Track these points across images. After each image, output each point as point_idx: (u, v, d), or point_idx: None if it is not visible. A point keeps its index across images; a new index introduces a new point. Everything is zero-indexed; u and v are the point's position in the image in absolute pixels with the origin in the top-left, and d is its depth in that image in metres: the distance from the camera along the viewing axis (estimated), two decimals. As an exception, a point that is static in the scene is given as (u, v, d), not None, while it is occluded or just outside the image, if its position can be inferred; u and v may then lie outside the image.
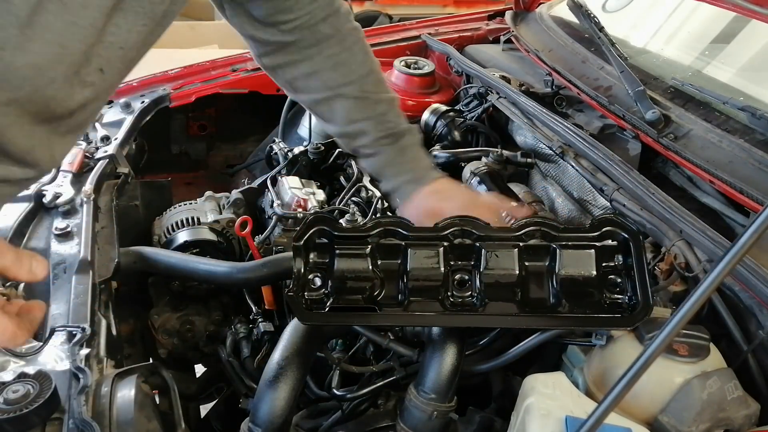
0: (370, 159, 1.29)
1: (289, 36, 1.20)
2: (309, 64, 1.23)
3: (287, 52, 1.23)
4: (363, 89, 1.26)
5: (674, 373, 0.93)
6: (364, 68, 1.26)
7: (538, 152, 1.59)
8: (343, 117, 1.27)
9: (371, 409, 1.23)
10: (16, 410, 0.83)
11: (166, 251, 1.44)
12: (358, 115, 1.26)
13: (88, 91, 0.87)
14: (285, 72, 1.26)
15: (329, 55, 1.23)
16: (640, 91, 1.47)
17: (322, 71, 1.24)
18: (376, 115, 1.26)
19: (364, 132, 1.26)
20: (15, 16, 0.72)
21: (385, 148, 1.27)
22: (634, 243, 1.00)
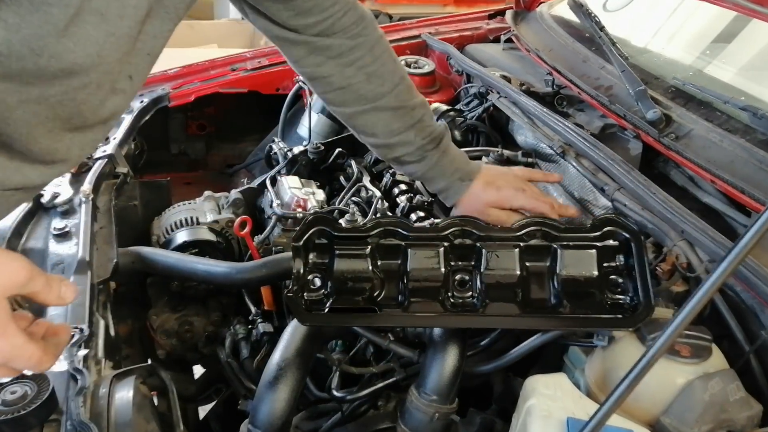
0: (415, 165, 1.31)
1: (313, 39, 1.18)
2: (340, 78, 1.22)
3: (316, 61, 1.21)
4: (399, 98, 1.26)
5: (676, 374, 0.93)
6: (396, 76, 1.26)
7: (538, 152, 1.59)
8: (383, 129, 1.27)
9: (371, 411, 1.23)
10: (14, 411, 0.83)
11: (165, 251, 1.43)
12: (399, 126, 1.26)
13: (119, 98, 0.88)
14: (318, 85, 1.26)
15: (360, 66, 1.22)
16: (641, 91, 1.47)
17: (355, 84, 1.23)
18: (415, 123, 1.27)
19: (407, 142, 1.28)
20: (53, 26, 0.73)
21: (430, 153, 1.29)
22: (635, 243, 1.00)
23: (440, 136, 1.30)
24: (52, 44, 0.74)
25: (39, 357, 0.73)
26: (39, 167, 0.86)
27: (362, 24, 1.21)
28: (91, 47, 0.77)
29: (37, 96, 0.78)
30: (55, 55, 0.75)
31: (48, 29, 0.72)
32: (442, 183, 1.32)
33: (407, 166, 1.33)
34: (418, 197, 1.56)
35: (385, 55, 1.25)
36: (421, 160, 1.30)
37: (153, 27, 0.86)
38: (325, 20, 1.16)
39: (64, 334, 0.80)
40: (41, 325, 0.78)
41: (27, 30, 0.71)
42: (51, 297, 0.75)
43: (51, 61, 0.75)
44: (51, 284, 0.74)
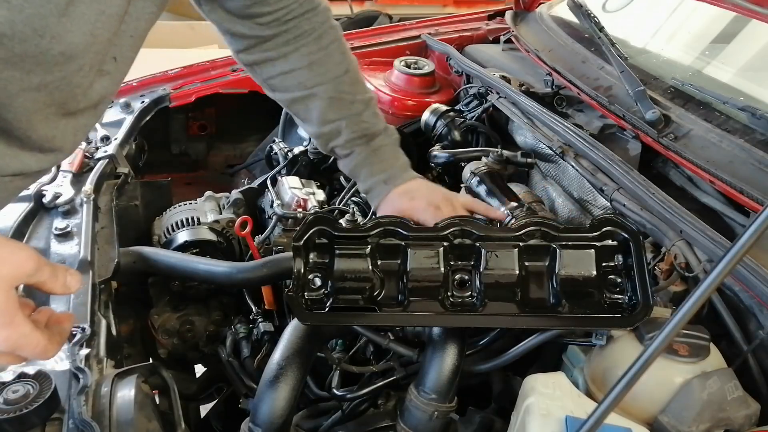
0: (345, 159, 1.30)
1: (267, 30, 1.20)
2: (285, 62, 1.23)
3: (264, 48, 1.23)
4: (338, 89, 1.25)
5: (674, 373, 0.93)
6: (341, 68, 1.26)
7: (538, 152, 1.59)
8: (318, 117, 1.26)
9: (371, 409, 1.23)
10: (16, 410, 0.83)
11: (166, 251, 1.44)
12: (333, 115, 1.26)
13: (106, 80, 0.89)
14: (262, 70, 1.26)
15: (306, 53, 1.23)
16: (640, 91, 1.47)
17: (298, 70, 1.23)
18: (350, 115, 1.26)
19: (338, 132, 1.26)
20: (55, 5, 0.74)
21: (359, 148, 1.28)
22: (634, 243, 1.00)
23: (374, 134, 1.28)
24: (53, 24, 0.75)
25: (44, 345, 0.73)
26: (36, 154, 0.87)
27: (314, 12, 1.22)
28: (85, 26, 0.78)
29: (38, 83, 0.79)
30: (56, 36, 0.75)
31: (50, 8, 0.73)
32: (367, 182, 1.30)
33: (340, 161, 1.32)
34: (418, 197, 1.56)
35: (333, 46, 1.25)
36: (349, 154, 1.28)
37: (136, 8, 0.87)
38: (280, 10, 1.18)
39: (66, 322, 0.80)
40: (44, 312, 0.78)
41: (30, 10, 0.72)
42: (57, 286, 0.75)
43: (52, 42, 0.76)
44: (57, 274, 0.75)
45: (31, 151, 0.86)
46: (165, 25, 4.37)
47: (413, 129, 1.88)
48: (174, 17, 4.80)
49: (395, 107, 1.94)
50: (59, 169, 1.45)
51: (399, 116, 1.94)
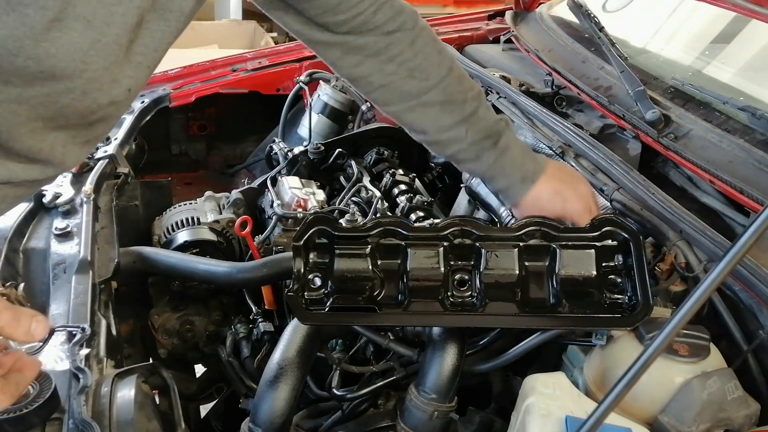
0: (471, 163, 1.22)
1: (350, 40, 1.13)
2: (380, 76, 1.16)
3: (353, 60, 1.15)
4: (447, 92, 1.17)
5: (674, 373, 0.93)
6: (443, 69, 1.17)
7: (538, 152, 1.59)
8: (432, 125, 1.19)
9: (371, 409, 1.23)
10: (16, 410, 0.83)
11: (166, 251, 1.44)
12: (448, 121, 1.17)
13: (113, 109, 0.87)
14: (360, 85, 1.20)
15: (401, 62, 1.15)
16: (640, 91, 1.47)
17: (396, 81, 1.16)
18: (466, 117, 1.18)
19: (458, 139, 1.18)
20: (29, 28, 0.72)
21: (487, 153, 1.19)
22: (634, 243, 1.00)
23: (498, 133, 1.19)
24: (29, 46, 0.72)
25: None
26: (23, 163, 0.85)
27: (399, 19, 1.13)
28: (75, 53, 0.76)
29: (17, 96, 0.77)
30: (33, 57, 0.73)
31: (24, 31, 0.71)
32: (502, 182, 1.22)
33: (463, 164, 1.24)
34: (418, 197, 1.56)
35: (428, 48, 1.17)
36: (477, 158, 1.20)
37: (152, 40, 0.85)
38: (355, 17, 1.10)
39: (29, 371, 0.77)
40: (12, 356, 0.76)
41: (2, 31, 0.70)
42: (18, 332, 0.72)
43: (28, 62, 0.74)
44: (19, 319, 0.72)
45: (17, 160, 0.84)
46: (165, 25, 4.36)
47: (413, 129, 1.88)
48: (174, 17, 4.80)
49: (395, 107, 1.94)
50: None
51: (399, 116, 1.93)
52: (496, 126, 1.20)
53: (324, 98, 1.91)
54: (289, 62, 2.07)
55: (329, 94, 1.91)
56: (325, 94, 1.92)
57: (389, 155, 1.78)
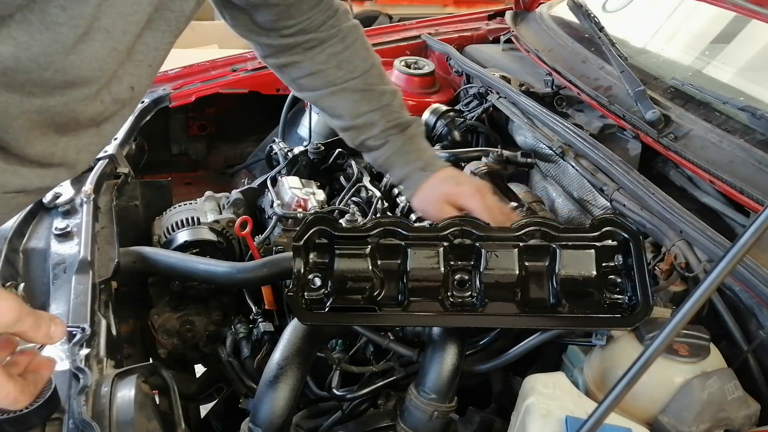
0: (379, 150, 1.30)
1: (291, 39, 1.23)
2: (312, 64, 1.26)
3: (290, 53, 1.26)
4: (367, 82, 1.28)
5: (674, 373, 0.93)
6: (367, 63, 1.28)
7: (538, 152, 1.59)
8: (349, 110, 1.28)
9: (371, 409, 1.23)
10: (16, 410, 0.83)
11: (166, 251, 1.44)
12: (365, 107, 1.27)
13: (118, 107, 0.90)
14: (289, 71, 1.29)
15: (332, 53, 1.25)
16: (640, 91, 1.47)
17: (326, 70, 1.26)
18: (382, 106, 1.28)
19: (372, 123, 1.28)
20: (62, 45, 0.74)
21: (394, 138, 1.28)
22: (634, 243, 1.00)
23: (407, 123, 1.30)
24: (59, 60, 0.75)
25: (15, 396, 0.72)
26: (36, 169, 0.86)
27: (335, 17, 1.25)
28: (95, 62, 0.79)
29: (39, 106, 0.79)
30: (60, 70, 0.76)
31: (57, 48, 0.74)
32: (402, 170, 1.29)
33: (371, 153, 1.32)
34: (418, 197, 1.56)
35: (357, 43, 1.28)
36: (384, 144, 1.29)
37: (154, 39, 0.87)
38: (303, 21, 1.21)
39: (45, 369, 0.78)
40: (26, 354, 0.77)
41: (36, 48, 0.73)
42: (39, 336, 0.73)
43: (56, 74, 0.76)
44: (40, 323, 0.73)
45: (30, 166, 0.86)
46: (165, 25, 4.36)
47: (413, 129, 1.88)
48: (174, 17, 4.80)
49: (395, 107, 1.94)
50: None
51: (399, 116, 1.93)
52: (406, 118, 1.30)
53: (324, 98, 1.91)
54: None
55: (329, 94, 1.91)
56: (325, 94, 1.91)
57: (389, 155, 1.78)
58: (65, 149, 0.87)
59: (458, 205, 1.21)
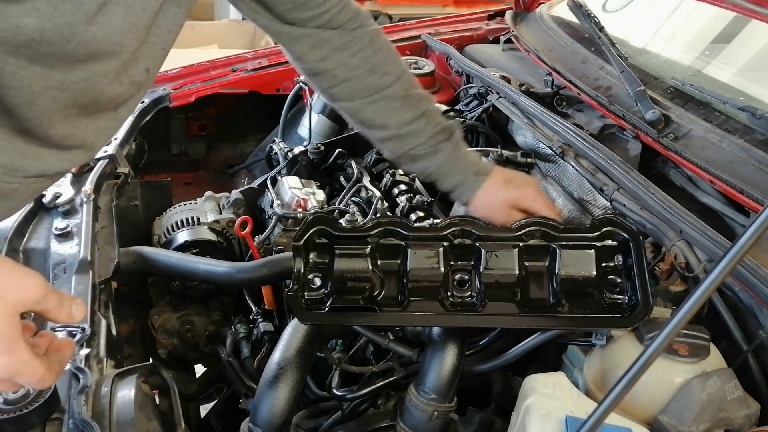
0: (427, 159, 1.24)
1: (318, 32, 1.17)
2: (343, 70, 1.20)
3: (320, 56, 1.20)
4: (405, 87, 1.23)
5: (674, 373, 0.93)
6: (399, 67, 1.24)
7: (538, 152, 1.59)
8: (393, 120, 1.23)
9: (371, 409, 1.23)
10: (16, 410, 0.83)
11: (166, 251, 1.44)
12: (408, 115, 1.22)
13: (134, 89, 0.91)
14: (321, 80, 1.24)
15: (362, 57, 1.20)
16: (640, 91, 1.47)
17: (360, 75, 1.20)
18: (424, 112, 1.23)
19: (418, 131, 1.22)
20: (84, 14, 0.75)
21: (443, 145, 1.23)
22: (634, 243, 1.00)
23: (451, 128, 1.25)
24: (81, 32, 0.76)
25: (42, 374, 0.72)
26: (56, 153, 0.87)
27: (359, 19, 1.20)
28: (115, 36, 0.80)
29: (60, 82, 0.80)
30: (82, 42, 0.77)
31: (79, 17, 0.75)
32: (456, 178, 1.25)
33: (419, 162, 1.26)
34: (418, 197, 1.56)
35: (386, 48, 1.23)
36: (435, 152, 1.23)
37: (166, 21, 0.88)
38: (323, 14, 1.16)
39: (66, 349, 0.79)
40: (45, 337, 0.77)
41: (60, 18, 0.73)
42: (62, 315, 0.75)
43: (78, 47, 0.77)
44: (63, 302, 0.74)
45: (50, 149, 0.86)
46: (165, 25, 4.36)
47: (413, 129, 1.88)
48: (174, 17, 4.80)
49: (395, 107, 1.94)
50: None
51: (399, 116, 1.93)
52: (449, 123, 1.26)
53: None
54: (289, 62, 2.07)
55: (329, 94, 1.91)
56: (325, 94, 1.91)
57: (389, 155, 1.78)
58: (85, 131, 0.88)
59: (524, 208, 1.20)
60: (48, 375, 0.73)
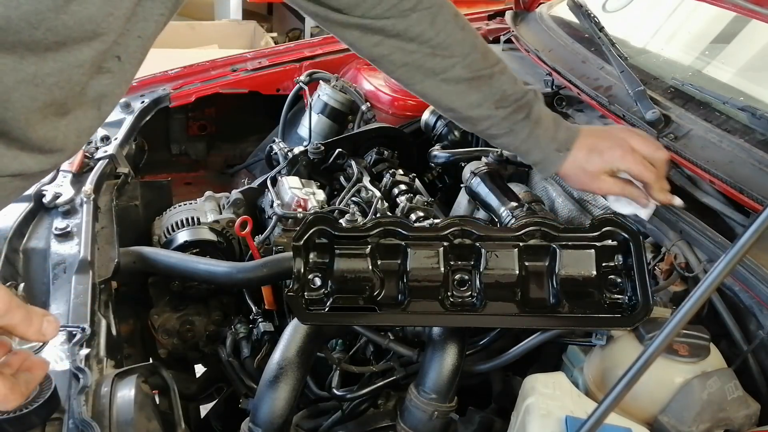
0: (505, 138, 1.21)
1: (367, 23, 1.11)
2: (403, 54, 1.14)
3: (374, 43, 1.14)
4: (473, 68, 1.16)
5: (674, 373, 0.93)
6: (466, 45, 1.15)
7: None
8: (460, 102, 1.18)
9: (371, 409, 1.23)
10: (16, 410, 0.83)
11: (166, 251, 1.44)
12: (476, 97, 1.17)
13: (107, 78, 0.86)
14: (383, 64, 1.18)
15: (422, 41, 1.13)
16: (640, 91, 1.47)
17: (420, 59, 1.14)
18: (495, 92, 1.17)
19: (489, 115, 1.18)
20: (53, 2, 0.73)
21: (519, 125, 1.18)
22: (634, 243, 1.00)
23: (529, 104, 1.18)
24: (50, 19, 0.73)
25: (4, 394, 0.71)
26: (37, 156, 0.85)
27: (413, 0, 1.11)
28: (89, 25, 0.77)
29: (33, 75, 0.77)
30: (51, 29, 0.74)
31: (47, 4, 0.72)
32: (536, 155, 1.21)
33: (496, 140, 1.24)
34: (418, 197, 1.56)
35: (449, 26, 1.14)
36: (511, 132, 1.19)
37: (143, 8, 0.84)
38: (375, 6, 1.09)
39: (38, 370, 0.78)
40: (18, 356, 0.76)
41: (27, 6, 0.71)
42: (30, 331, 0.72)
43: (47, 34, 0.74)
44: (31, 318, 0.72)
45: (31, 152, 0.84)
46: (165, 25, 4.37)
47: (413, 129, 1.88)
48: (174, 17, 4.80)
49: (395, 107, 1.94)
50: (59, 170, 1.45)
51: (399, 116, 1.93)
52: (525, 97, 1.19)
53: (324, 98, 1.92)
54: (289, 62, 2.07)
55: (329, 94, 1.91)
56: (324, 94, 1.92)
57: (389, 155, 1.78)
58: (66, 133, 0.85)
59: (614, 172, 1.18)
60: (11, 396, 0.72)
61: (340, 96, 1.91)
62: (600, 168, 1.18)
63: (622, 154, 1.17)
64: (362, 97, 1.91)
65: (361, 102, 1.90)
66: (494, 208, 1.42)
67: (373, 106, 1.92)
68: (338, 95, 1.91)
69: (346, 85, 1.92)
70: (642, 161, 1.17)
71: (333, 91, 1.91)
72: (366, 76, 2.03)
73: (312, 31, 4.61)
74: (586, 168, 1.19)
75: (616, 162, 1.17)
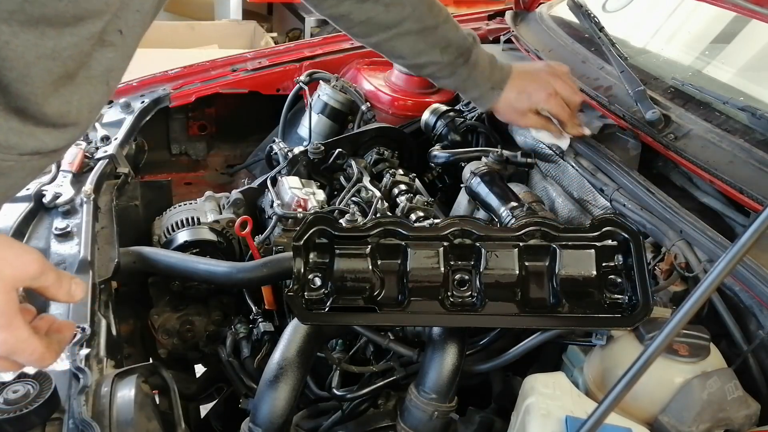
0: (446, 80, 1.43)
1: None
2: (360, 12, 1.32)
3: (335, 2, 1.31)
4: (420, 21, 1.34)
5: (674, 373, 0.94)
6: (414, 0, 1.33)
7: (538, 152, 1.59)
8: (409, 51, 1.38)
9: (371, 409, 1.23)
10: (16, 410, 0.83)
11: (166, 251, 1.44)
12: (424, 46, 1.37)
13: (110, 52, 0.88)
14: (342, 22, 1.36)
15: None
16: (640, 91, 1.47)
17: (376, 16, 1.32)
18: (439, 41, 1.37)
19: (434, 61, 1.38)
20: None
21: (460, 69, 1.39)
22: (634, 243, 1.00)
23: (468, 50, 1.39)
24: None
25: (41, 353, 0.73)
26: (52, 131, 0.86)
27: None
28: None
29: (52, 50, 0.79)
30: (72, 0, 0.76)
31: None
32: (474, 93, 1.45)
33: (439, 81, 1.47)
34: (418, 197, 1.56)
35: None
36: (452, 75, 1.40)
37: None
38: None
39: (67, 331, 0.80)
40: (45, 320, 0.78)
41: None
42: (60, 293, 0.75)
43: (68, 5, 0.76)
44: (61, 280, 0.74)
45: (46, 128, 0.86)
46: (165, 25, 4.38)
47: (413, 129, 1.88)
48: (174, 17, 4.80)
49: (395, 107, 1.94)
50: (59, 170, 1.45)
51: (399, 116, 1.93)
52: (465, 43, 1.40)
53: (324, 98, 1.91)
54: (289, 62, 2.07)
55: (329, 94, 1.91)
56: (325, 94, 1.91)
57: (389, 155, 1.78)
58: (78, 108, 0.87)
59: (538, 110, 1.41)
60: (47, 354, 0.74)
61: (340, 96, 1.91)
62: (527, 107, 1.42)
63: (546, 96, 1.40)
64: (362, 97, 1.91)
65: (361, 102, 1.90)
66: (494, 208, 1.42)
67: (373, 106, 1.91)
68: (338, 95, 1.91)
69: (346, 85, 1.92)
70: (560, 103, 1.41)
71: (333, 91, 1.91)
72: (366, 76, 2.03)
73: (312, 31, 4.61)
74: (515, 106, 1.43)
75: (540, 103, 1.41)
